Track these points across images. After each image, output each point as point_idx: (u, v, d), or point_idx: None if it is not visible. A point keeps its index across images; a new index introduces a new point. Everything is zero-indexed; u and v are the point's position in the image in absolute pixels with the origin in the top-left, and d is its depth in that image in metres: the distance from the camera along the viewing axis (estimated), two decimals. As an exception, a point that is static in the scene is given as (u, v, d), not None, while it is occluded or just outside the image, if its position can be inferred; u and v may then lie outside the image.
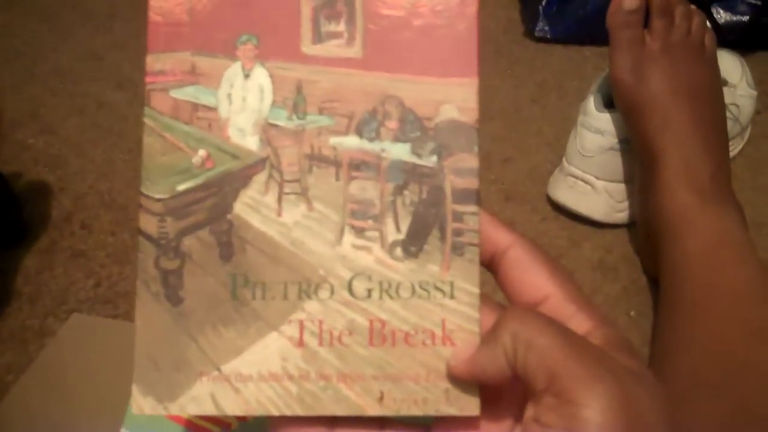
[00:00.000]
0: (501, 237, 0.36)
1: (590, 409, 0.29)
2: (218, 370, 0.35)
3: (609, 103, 0.78)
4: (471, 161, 0.36)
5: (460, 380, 0.35)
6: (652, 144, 0.72)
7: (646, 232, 0.75)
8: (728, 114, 0.79)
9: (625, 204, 0.80)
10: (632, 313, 0.73)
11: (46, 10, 1.16)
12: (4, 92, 0.98)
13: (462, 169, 0.36)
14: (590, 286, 0.76)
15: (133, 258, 0.79)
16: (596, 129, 0.77)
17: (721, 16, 1.00)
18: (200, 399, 0.35)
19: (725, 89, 0.79)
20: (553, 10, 1.06)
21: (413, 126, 0.36)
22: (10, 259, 0.79)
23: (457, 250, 0.36)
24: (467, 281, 0.35)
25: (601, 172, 0.79)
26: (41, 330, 0.72)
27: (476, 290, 0.35)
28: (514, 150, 0.91)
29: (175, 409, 0.35)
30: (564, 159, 0.81)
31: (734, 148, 0.88)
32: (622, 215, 0.81)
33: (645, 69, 0.73)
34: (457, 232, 0.36)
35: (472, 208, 0.36)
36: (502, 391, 0.35)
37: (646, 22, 0.74)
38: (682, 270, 0.66)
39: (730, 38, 0.97)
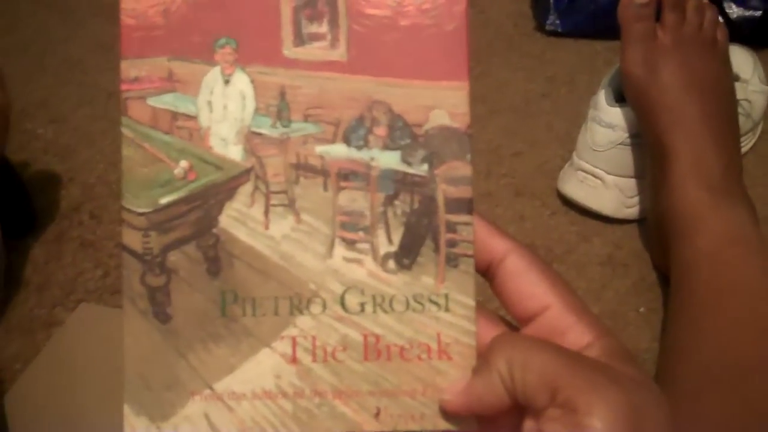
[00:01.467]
0: (497, 245, 0.35)
1: (594, 417, 0.29)
2: (210, 388, 0.34)
3: (620, 98, 0.77)
4: (464, 169, 0.35)
5: (456, 415, 0.34)
6: (663, 139, 0.71)
7: (656, 228, 0.74)
8: (740, 110, 0.79)
9: (636, 199, 0.80)
10: (642, 309, 0.73)
11: (57, 1, 1.16)
12: (14, 82, 0.98)
13: (455, 177, 0.35)
14: (600, 282, 0.75)
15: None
16: (607, 123, 0.77)
17: (734, 11, 0.99)
18: (193, 418, 0.34)
19: (737, 84, 0.78)
20: (564, 4, 1.05)
21: (403, 133, 0.35)
22: (18, 249, 0.79)
23: (452, 261, 0.34)
24: (462, 293, 0.34)
25: (611, 166, 0.78)
26: (49, 319, 0.72)
27: (472, 303, 0.34)
28: (524, 144, 0.91)
29: (168, 428, 0.34)
30: (574, 153, 0.81)
31: (746, 143, 0.87)
32: (632, 210, 0.81)
33: (656, 63, 0.72)
34: (451, 243, 0.34)
35: (466, 217, 0.35)
36: None
37: (658, 16, 0.74)
38: (693, 266, 0.65)
39: (743, 33, 0.96)
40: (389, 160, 0.35)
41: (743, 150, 0.84)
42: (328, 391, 0.34)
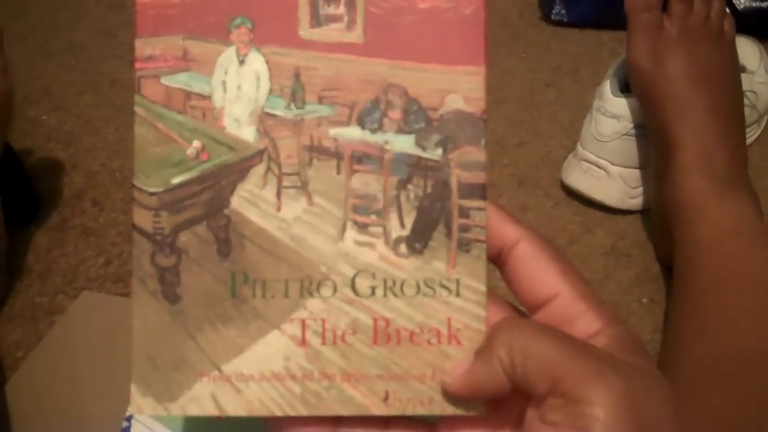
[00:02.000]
0: (509, 231, 0.35)
1: (595, 406, 0.29)
2: (219, 369, 0.34)
3: (625, 88, 0.77)
4: (478, 154, 0.34)
5: (458, 397, 0.34)
6: (668, 130, 0.71)
7: (660, 219, 0.74)
8: (746, 101, 0.79)
9: (640, 190, 0.80)
10: (645, 300, 0.73)
11: (61, -13, 1.16)
12: (18, 69, 0.98)
13: (468, 162, 0.34)
14: (603, 273, 0.75)
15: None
16: (612, 114, 0.76)
17: (741, 1, 0.99)
18: (201, 399, 0.34)
19: (743, 76, 0.78)
20: (570, -6, 1.05)
21: (418, 117, 0.35)
22: (21, 236, 0.79)
23: (464, 246, 0.34)
24: (474, 279, 0.34)
25: (615, 157, 0.78)
26: (51, 307, 0.72)
27: (483, 288, 0.34)
28: (528, 134, 0.90)
29: (175, 409, 0.34)
30: (578, 144, 0.81)
31: (751, 135, 0.87)
32: (636, 201, 0.80)
33: (662, 53, 0.72)
34: (464, 228, 0.34)
35: (479, 203, 0.34)
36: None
37: (665, 6, 0.74)
38: (696, 257, 0.65)
39: (749, 24, 0.96)
40: (403, 143, 0.35)
41: (748, 141, 0.84)
42: (336, 374, 0.34)
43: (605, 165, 0.78)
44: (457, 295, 0.34)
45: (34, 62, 1.03)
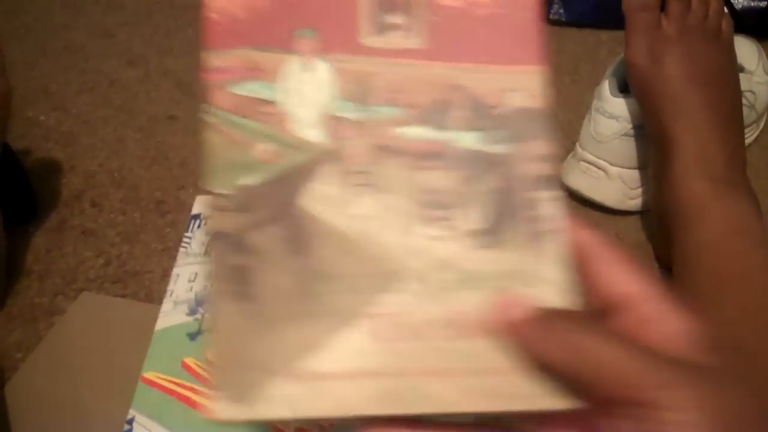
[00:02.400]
0: (582, 234, 0.35)
1: (677, 412, 0.29)
2: (292, 368, 0.33)
3: (624, 88, 0.77)
4: (543, 147, 0.35)
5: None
6: (667, 130, 0.71)
7: (659, 219, 0.74)
8: (744, 101, 0.78)
9: (639, 191, 0.80)
10: (643, 301, 0.73)
11: (59, -14, 1.16)
12: (16, 68, 0.98)
13: (534, 155, 0.35)
14: (601, 273, 0.75)
15: (144, 237, 0.79)
16: (610, 114, 0.76)
17: (739, 1, 0.99)
18: (274, 400, 0.33)
19: (742, 76, 0.78)
20: (569, -7, 1.05)
21: (481, 114, 0.36)
22: (19, 237, 0.79)
23: (535, 237, 0.35)
24: (550, 269, 0.34)
25: (614, 157, 0.78)
26: (50, 308, 0.72)
27: (558, 277, 0.34)
28: (527, 134, 0.90)
29: (248, 412, 0.33)
30: (577, 144, 0.81)
31: (750, 135, 0.87)
32: (635, 202, 0.80)
33: (661, 53, 0.72)
34: (534, 219, 0.35)
35: (548, 194, 0.35)
36: None
37: (663, 6, 0.74)
38: (695, 258, 0.65)
39: (748, 24, 0.96)
40: (469, 140, 0.36)
41: (747, 142, 0.84)
42: (413, 370, 0.33)
43: (604, 165, 0.78)
44: (534, 286, 0.34)
45: (32, 62, 1.03)
